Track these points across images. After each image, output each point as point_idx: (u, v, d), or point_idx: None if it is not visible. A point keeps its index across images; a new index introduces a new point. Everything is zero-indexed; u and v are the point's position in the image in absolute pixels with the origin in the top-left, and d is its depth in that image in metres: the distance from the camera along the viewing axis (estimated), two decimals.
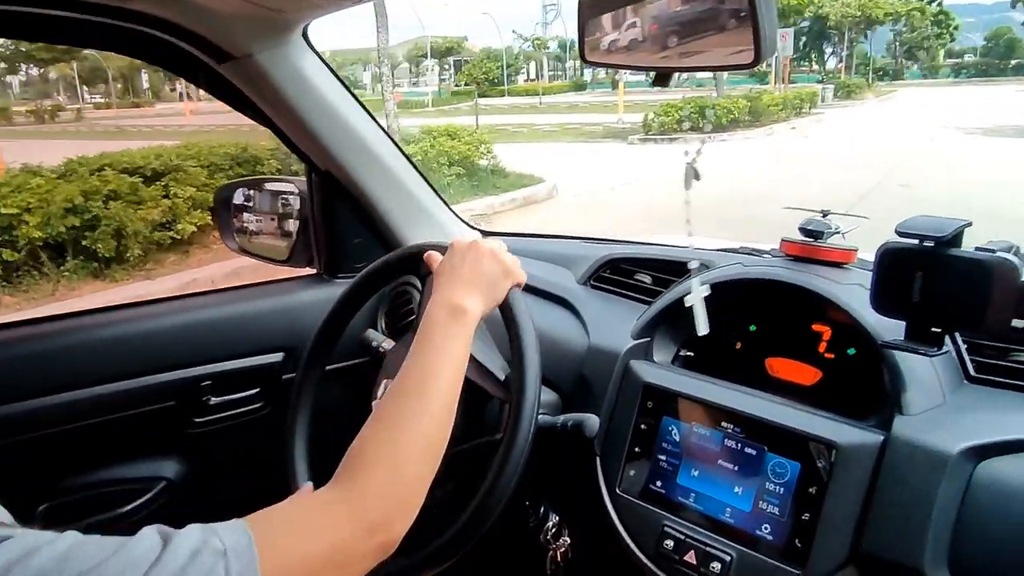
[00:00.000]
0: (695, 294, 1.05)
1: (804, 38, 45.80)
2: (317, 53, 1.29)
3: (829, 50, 47.95)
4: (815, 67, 47.86)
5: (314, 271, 1.57)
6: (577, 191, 10.12)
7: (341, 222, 1.52)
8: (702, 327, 1.05)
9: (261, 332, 1.42)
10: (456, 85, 43.36)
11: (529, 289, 1.31)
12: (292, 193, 1.56)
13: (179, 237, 7.08)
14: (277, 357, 1.42)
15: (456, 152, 9.88)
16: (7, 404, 1.15)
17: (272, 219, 1.61)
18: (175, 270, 6.88)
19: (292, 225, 1.57)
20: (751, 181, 9.75)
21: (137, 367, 1.28)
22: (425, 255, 0.98)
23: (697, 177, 1.01)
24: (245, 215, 1.63)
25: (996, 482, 0.81)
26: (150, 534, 0.54)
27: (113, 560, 0.50)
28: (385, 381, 1.04)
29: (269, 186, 1.63)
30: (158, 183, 7.15)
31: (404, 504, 0.69)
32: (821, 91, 26.42)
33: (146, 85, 49.48)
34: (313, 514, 0.64)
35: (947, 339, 0.86)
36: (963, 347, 0.96)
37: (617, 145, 15.96)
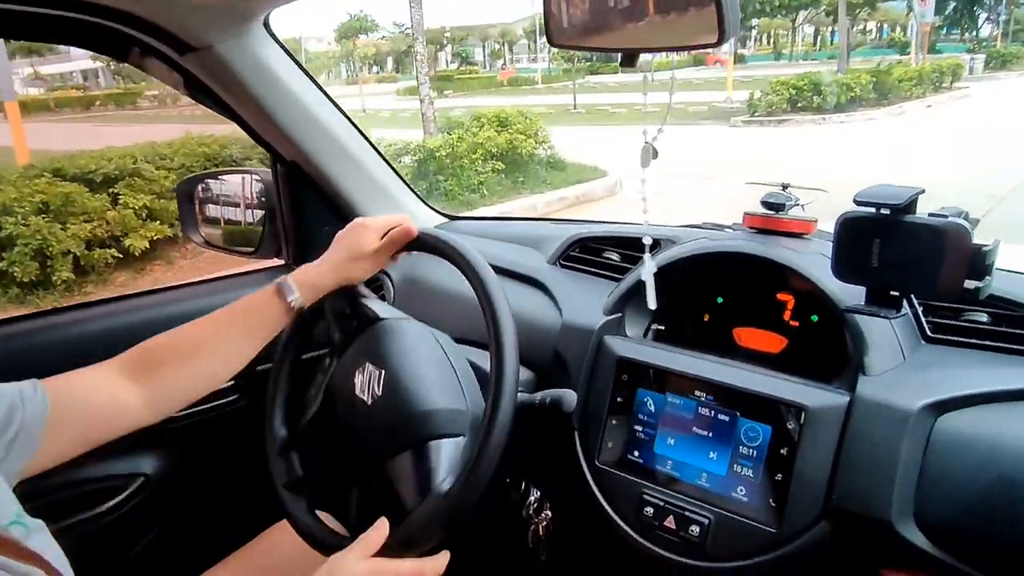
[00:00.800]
0: (647, 268, 1.06)
1: (953, 3, 38.68)
2: (280, 43, 1.28)
3: (983, 15, 39.95)
4: (967, 35, 39.85)
5: (282, 262, 1.57)
6: (644, 188, 8.68)
7: (308, 211, 1.51)
8: (651, 302, 1.04)
9: None
10: (567, 62, 41.99)
11: (500, 271, 1.32)
12: (257, 184, 1.55)
13: (126, 255, 6.17)
14: None
15: (494, 144, 8.50)
16: None
17: (237, 211, 1.60)
18: (122, 291, 6.28)
19: (258, 216, 1.56)
20: (867, 169, 8.40)
21: None
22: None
23: (655, 156, 1.03)
24: (209, 208, 1.61)
25: (954, 435, 0.86)
26: None
27: None
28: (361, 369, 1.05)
29: (232, 178, 1.61)
30: (111, 189, 6.24)
31: None
32: (968, 62, 23.01)
33: None
34: None
35: (904, 302, 0.90)
36: (920, 309, 1.01)
37: (718, 128, 13.88)
